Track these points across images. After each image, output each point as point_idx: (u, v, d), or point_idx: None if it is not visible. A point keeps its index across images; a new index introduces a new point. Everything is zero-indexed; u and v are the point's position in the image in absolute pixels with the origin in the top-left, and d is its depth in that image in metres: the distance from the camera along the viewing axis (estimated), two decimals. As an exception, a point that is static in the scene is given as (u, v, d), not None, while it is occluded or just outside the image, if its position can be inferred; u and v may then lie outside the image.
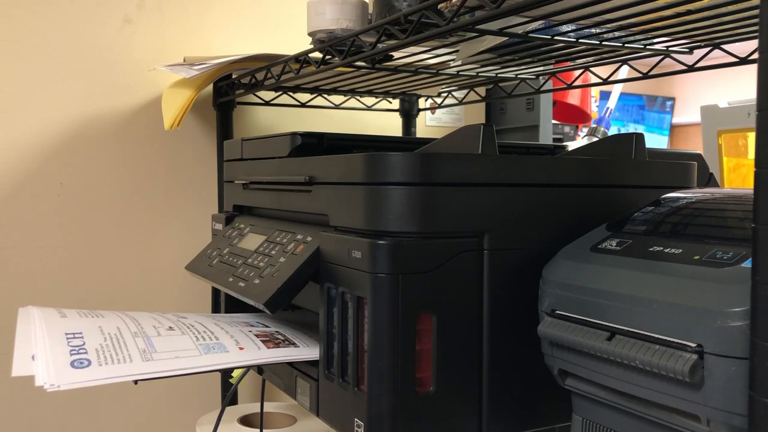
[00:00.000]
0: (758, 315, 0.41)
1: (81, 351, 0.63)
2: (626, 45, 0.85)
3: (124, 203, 1.20)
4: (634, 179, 0.72)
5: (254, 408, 1.13)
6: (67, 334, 0.67)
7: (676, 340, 0.48)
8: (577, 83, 1.11)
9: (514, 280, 0.65)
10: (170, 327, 0.72)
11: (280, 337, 0.74)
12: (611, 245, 0.59)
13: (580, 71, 1.06)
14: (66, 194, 1.16)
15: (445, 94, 1.36)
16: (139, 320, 0.74)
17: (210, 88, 1.24)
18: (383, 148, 0.84)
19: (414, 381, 0.61)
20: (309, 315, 0.87)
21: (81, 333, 0.67)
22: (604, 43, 0.84)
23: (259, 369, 0.86)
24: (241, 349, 0.69)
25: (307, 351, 0.71)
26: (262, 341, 0.72)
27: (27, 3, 1.12)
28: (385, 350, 0.60)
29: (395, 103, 1.43)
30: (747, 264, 0.48)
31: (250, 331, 0.75)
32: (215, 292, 1.14)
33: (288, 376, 0.77)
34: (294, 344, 0.72)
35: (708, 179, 1.09)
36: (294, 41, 1.33)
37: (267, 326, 0.79)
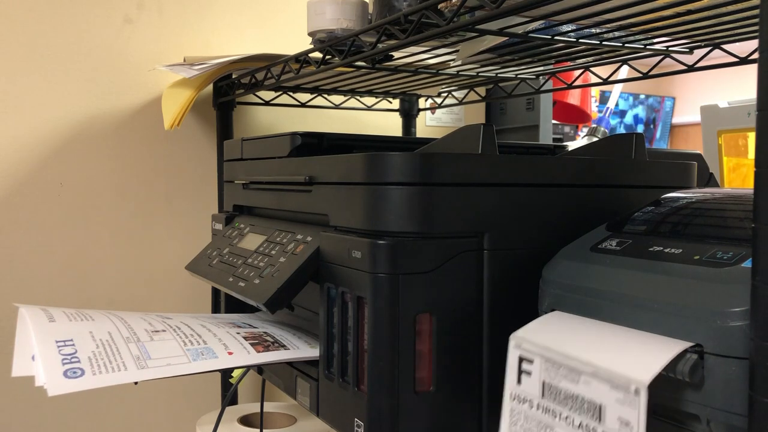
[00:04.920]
0: (758, 315, 0.41)
1: (74, 360, 0.62)
2: (626, 45, 0.85)
3: (124, 203, 1.20)
4: (634, 179, 0.72)
5: (254, 408, 1.13)
6: (57, 342, 0.65)
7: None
8: (577, 83, 1.11)
9: (514, 280, 0.65)
10: (160, 329, 0.71)
11: (269, 339, 0.74)
12: (611, 245, 0.59)
13: (580, 71, 1.07)
14: (66, 194, 1.16)
15: (445, 94, 1.36)
16: (130, 323, 0.73)
17: (210, 88, 1.24)
18: (383, 148, 0.84)
19: (414, 381, 0.61)
20: (298, 313, 0.86)
21: (72, 340, 0.66)
22: (604, 43, 0.84)
23: (259, 369, 0.86)
24: (230, 354, 0.68)
25: (297, 353, 0.71)
26: (252, 344, 0.71)
27: (27, 3, 1.12)
28: (385, 350, 0.60)
29: (395, 103, 1.43)
30: (747, 264, 0.48)
31: (238, 333, 0.74)
32: (215, 292, 1.14)
33: (288, 376, 0.77)
34: (284, 346, 0.72)
35: (708, 179, 1.09)
36: (294, 41, 1.33)
37: (254, 327, 0.78)
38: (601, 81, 1.00)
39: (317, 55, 0.88)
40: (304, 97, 1.33)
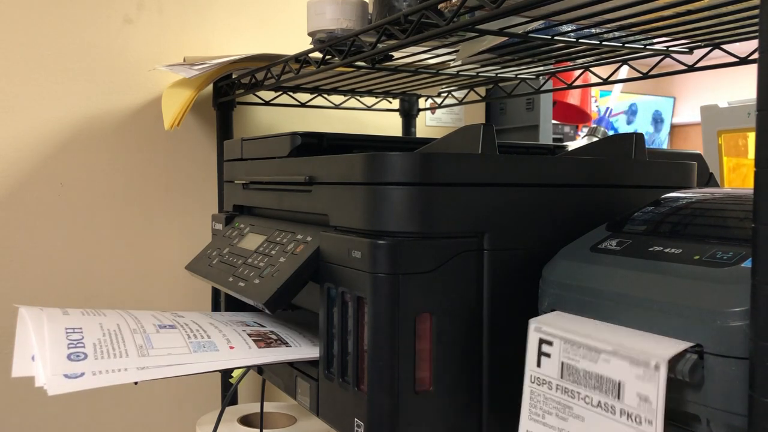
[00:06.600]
0: (758, 315, 0.41)
1: (79, 345, 0.64)
2: (626, 45, 0.85)
3: (124, 203, 1.20)
4: (634, 179, 0.72)
5: (254, 408, 1.13)
6: (67, 328, 0.68)
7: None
8: (577, 83, 1.11)
9: (514, 280, 0.65)
10: (168, 324, 0.73)
11: (273, 336, 0.74)
12: (611, 245, 0.59)
13: (580, 71, 1.07)
14: (66, 194, 1.16)
15: (445, 94, 1.36)
16: (140, 318, 0.74)
17: (210, 88, 1.24)
18: (383, 148, 0.84)
19: (414, 381, 0.61)
20: (308, 314, 0.87)
21: (81, 328, 0.68)
22: (604, 43, 0.84)
23: (259, 369, 0.86)
24: (231, 348, 0.69)
25: (298, 351, 0.71)
26: (254, 341, 0.72)
27: (27, 3, 1.12)
28: (385, 350, 0.60)
29: (395, 103, 1.43)
30: (747, 264, 0.48)
31: (244, 330, 0.75)
32: (215, 292, 1.14)
33: (288, 376, 0.77)
34: (286, 344, 0.72)
35: (708, 179, 1.08)
36: (294, 41, 1.33)
37: (263, 326, 0.79)
38: (601, 81, 1.00)
39: (317, 55, 0.88)
40: (304, 97, 1.33)
